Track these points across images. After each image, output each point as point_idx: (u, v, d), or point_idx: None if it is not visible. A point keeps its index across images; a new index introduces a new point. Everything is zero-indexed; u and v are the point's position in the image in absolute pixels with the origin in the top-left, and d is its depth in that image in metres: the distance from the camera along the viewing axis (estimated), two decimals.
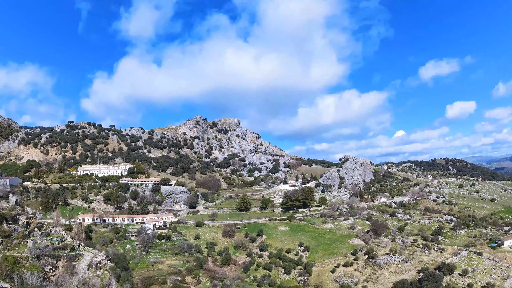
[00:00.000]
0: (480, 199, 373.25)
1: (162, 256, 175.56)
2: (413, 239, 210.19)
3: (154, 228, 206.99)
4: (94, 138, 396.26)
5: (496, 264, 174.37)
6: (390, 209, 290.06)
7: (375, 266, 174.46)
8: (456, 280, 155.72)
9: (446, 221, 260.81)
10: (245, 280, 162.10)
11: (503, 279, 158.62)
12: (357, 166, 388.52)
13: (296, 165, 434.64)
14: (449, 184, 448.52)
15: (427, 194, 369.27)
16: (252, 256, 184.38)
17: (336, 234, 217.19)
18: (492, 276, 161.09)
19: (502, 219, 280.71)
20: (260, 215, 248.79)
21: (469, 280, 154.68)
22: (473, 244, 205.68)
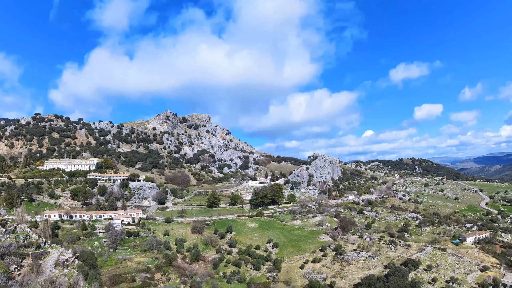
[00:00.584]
0: (444, 198, 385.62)
1: (130, 253, 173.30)
2: (380, 236, 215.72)
3: (122, 224, 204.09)
4: (62, 131, 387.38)
5: (459, 260, 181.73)
6: (358, 206, 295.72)
7: (343, 262, 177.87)
8: (421, 275, 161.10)
9: (412, 219, 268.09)
10: (214, 276, 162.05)
11: (465, 274, 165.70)
12: (326, 164, 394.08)
13: (265, 162, 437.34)
14: (415, 183, 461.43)
15: (394, 192, 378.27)
16: (222, 252, 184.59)
17: (305, 231, 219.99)
18: (455, 271, 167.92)
19: (465, 217, 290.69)
20: (229, 212, 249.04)
21: (434, 275, 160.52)
22: (437, 240, 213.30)
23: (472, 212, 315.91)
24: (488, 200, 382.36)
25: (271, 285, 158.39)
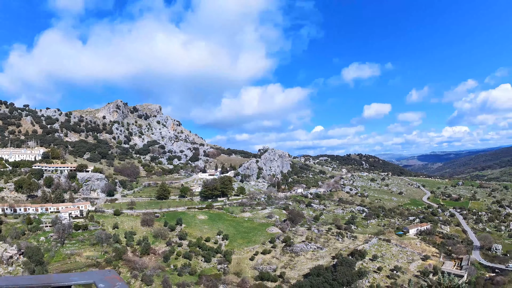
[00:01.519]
0: (389, 192, 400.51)
1: (79, 247, 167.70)
2: (328, 228, 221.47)
3: (70, 217, 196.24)
4: (5, 118, 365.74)
5: (402, 250, 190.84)
6: (306, 199, 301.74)
7: (292, 253, 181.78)
8: (367, 264, 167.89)
9: (358, 212, 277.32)
10: (165, 269, 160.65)
11: (408, 263, 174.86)
12: (275, 157, 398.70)
13: (216, 154, 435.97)
14: (362, 177, 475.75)
15: (341, 186, 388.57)
16: (172, 245, 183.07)
17: (254, 223, 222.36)
18: (399, 260, 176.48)
19: (408, 210, 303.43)
20: (179, 204, 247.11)
21: (379, 264, 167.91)
22: (382, 232, 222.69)
23: (414, 205, 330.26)
24: (430, 195, 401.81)
25: (222, 277, 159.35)
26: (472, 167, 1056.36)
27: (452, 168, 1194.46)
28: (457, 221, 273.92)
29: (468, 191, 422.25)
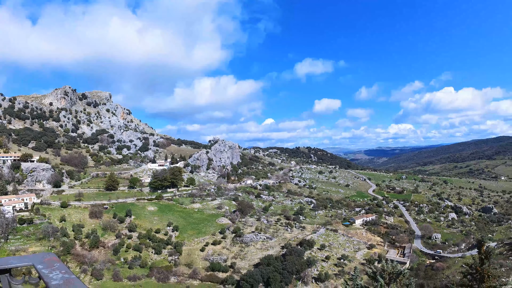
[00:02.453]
0: (336, 184, 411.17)
1: (24, 242, 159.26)
2: (277, 219, 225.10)
3: (14, 211, 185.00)
4: None
5: (349, 239, 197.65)
6: (255, 190, 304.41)
7: (242, 243, 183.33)
8: (315, 253, 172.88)
9: (306, 203, 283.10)
10: (115, 263, 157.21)
11: (355, 251, 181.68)
12: (225, 148, 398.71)
13: (166, 145, 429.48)
14: (310, 170, 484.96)
15: (290, 178, 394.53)
16: (122, 237, 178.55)
17: (204, 214, 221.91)
18: (346, 249, 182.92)
19: (354, 202, 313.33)
20: (128, 195, 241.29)
21: (327, 253, 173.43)
22: (329, 222, 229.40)
23: (361, 197, 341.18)
24: (375, 187, 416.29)
25: (173, 268, 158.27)
26: (415, 162, 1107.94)
27: (397, 163, 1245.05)
28: (400, 212, 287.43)
29: (411, 185, 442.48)
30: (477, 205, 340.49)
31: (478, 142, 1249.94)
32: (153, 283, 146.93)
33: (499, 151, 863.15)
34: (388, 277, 33.69)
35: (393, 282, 33.75)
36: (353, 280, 37.63)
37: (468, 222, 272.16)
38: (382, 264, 34.78)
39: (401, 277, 33.90)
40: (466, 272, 27.91)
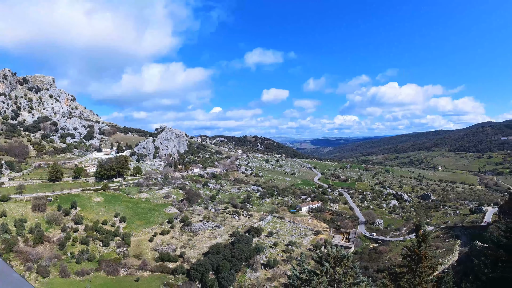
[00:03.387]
0: (283, 173, 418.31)
1: None
2: (225, 207, 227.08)
3: None
4: None
5: (295, 226, 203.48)
6: (203, 179, 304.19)
7: (190, 232, 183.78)
8: (263, 240, 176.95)
9: (253, 191, 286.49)
10: (62, 258, 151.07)
11: (301, 238, 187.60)
12: (172, 137, 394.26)
13: (111, 133, 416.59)
14: (257, 158, 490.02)
15: (237, 166, 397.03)
16: (67, 230, 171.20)
17: (152, 204, 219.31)
18: (293, 236, 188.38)
19: (300, 190, 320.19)
20: (73, 186, 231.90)
21: (275, 240, 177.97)
22: (276, 210, 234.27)
23: (306, 185, 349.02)
24: (320, 176, 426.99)
25: (122, 260, 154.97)
26: (359, 152, 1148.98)
27: (342, 152, 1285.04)
28: (345, 200, 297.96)
29: (355, 173, 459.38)
30: (416, 193, 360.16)
31: (419, 135, 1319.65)
32: (102, 276, 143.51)
33: (437, 144, 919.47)
34: (333, 261, 35.89)
35: (338, 265, 36.04)
36: (300, 265, 39.85)
37: (408, 208, 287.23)
38: (327, 249, 37.03)
39: (345, 261, 36.22)
40: (406, 254, 30.48)
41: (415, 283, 28.91)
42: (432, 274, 29.58)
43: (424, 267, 28.63)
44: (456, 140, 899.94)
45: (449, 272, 55.73)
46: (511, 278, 44.60)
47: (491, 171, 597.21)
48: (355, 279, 36.26)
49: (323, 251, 37.38)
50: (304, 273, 38.17)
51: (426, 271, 28.94)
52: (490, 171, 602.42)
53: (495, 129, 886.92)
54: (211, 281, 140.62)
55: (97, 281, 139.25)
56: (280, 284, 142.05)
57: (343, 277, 35.77)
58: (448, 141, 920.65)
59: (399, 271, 30.59)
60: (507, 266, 46.87)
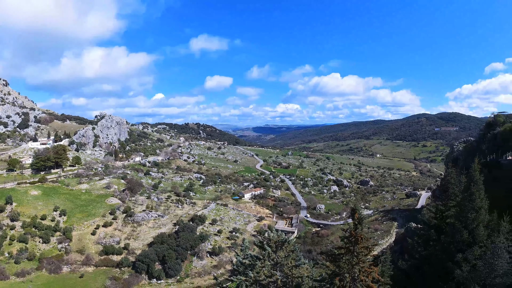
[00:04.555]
0: (225, 160, 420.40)
1: None
2: (167, 196, 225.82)
3: None
4: None
5: (239, 213, 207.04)
6: (144, 168, 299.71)
7: (134, 223, 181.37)
8: (208, 228, 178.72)
9: (196, 179, 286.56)
10: None
11: (245, 224, 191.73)
12: (113, 124, 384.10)
13: (48, 121, 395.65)
14: (199, 146, 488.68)
15: (179, 154, 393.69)
16: (3, 229, 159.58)
17: (93, 195, 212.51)
18: (236, 223, 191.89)
19: (243, 177, 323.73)
20: (7, 179, 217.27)
21: (219, 227, 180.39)
22: (219, 197, 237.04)
23: (249, 172, 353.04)
24: (263, 163, 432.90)
25: (65, 257, 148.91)
26: (300, 140, 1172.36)
27: (283, 140, 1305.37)
28: (287, 186, 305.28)
29: (297, 160, 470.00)
30: (356, 179, 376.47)
31: (358, 124, 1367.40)
32: (44, 276, 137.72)
33: (376, 132, 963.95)
34: (275, 245, 38.20)
35: (279, 249, 38.43)
36: (243, 251, 42.08)
37: (348, 193, 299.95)
38: (267, 234, 39.32)
39: (286, 245, 38.59)
40: (343, 236, 32.67)
41: (353, 263, 31.11)
42: (369, 254, 32.16)
43: (361, 248, 31.00)
44: (394, 129, 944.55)
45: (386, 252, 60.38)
46: (439, 254, 49.53)
47: (425, 159, 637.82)
48: (297, 261, 38.78)
49: (265, 237, 39.54)
50: (247, 259, 40.27)
51: (363, 252, 31.26)
52: (425, 158, 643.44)
53: (430, 120, 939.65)
54: (158, 272, 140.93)
55: (39, 281, 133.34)
56: (226, 270, 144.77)
57: (285, 260, 38.16)
58: (386, 130, 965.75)
59: (338, 253, 32.90)
60: (437, 244, 51.92)
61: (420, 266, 53.05)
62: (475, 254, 43.00)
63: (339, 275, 31.57)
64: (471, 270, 41.33)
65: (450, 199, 55.35)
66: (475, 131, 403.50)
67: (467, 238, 46.71)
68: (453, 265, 43.78)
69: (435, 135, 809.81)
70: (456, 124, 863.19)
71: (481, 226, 47.08)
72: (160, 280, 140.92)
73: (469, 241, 46.43)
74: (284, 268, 37.68)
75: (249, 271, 37.31)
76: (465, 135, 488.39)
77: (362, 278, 31.09)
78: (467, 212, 48.08)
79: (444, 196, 57.52)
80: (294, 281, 36.83)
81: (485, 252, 40.01)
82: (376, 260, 41.82)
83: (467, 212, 48.12)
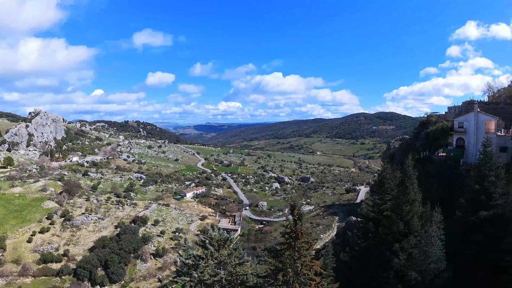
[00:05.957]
0: (166, 159, 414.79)
1: None
2: (107, 197, 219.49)
3: None
4: None
5: (181, 212, 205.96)
6: (82, 168, 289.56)
7: (73, 227, 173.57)
8: (150, 229, 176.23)
9: (136, 179, 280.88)
10: None
11: (188, 224, 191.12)
12: (48, 122, 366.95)
13: None
14: (139, 145, 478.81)
15: (118, 153, 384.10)
16: None
17: (27, 199, 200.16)
18: (179, 222, 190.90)
19: (184, 176, 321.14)
20: None
21: (162, 228, 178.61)
22: (161, 197, 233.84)
23: (190, 171, 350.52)
24: (204, 161, 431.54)
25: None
26: (242, 138, 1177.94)
27: (225, 138, 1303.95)
28: (229, 184, 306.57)
29: (238, 158, 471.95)
30: (297, 176, 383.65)
31: (299, 122, 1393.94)
32: None
33: (316, 130, 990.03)
34: (217, 244, 38.83)
35: (222, 248, 39.11)
36: (186, 251, 42.44)
37: (289, 190, 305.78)
38: (209, 233, 39.86)
39: (228, 243, 39.40)
40: (284, 232, 33.61)
41: (295, 257, 31.95)
42: (310, 248, 33.13)
43: (301, 243, 31.93)
44: (334, 128, 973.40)
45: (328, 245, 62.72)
46: (378, 245, 52.33)
47: (363, 156, 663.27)
48: (240, 259, 39.67)
49: (207, 236, 39.96)
50: (190, 259, 40.61)
51: (304, 246, 32.19)
52: (363, 155, 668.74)
53: (368, 119, 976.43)
54: (101, 278, 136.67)
55: None
56: (171, 272, 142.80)
57: (228, 258, 38.93)
58: (326, 128, 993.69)
59: (279, 248, 33.71)
60: (375, 236, 54.79)
61: (361, 257, 55.80)
62: (410, 243, 46.23)
63: (282, 270, 32.38)
64: (407, 258, 44.47)
65: (386, 193, 58.52)
66: (410, 129, 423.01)
67: (403, 229, 49.97)
68: (391, 254, 46.76)
69: (373, 133, 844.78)
70: (392, 123, 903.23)
71: (415, 217, 50.50)
72: (103, 287, 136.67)
73: (405, 231, 49.72)
74: (227, 266, 38.35)
75: (193, 271, 37.62)
76: (401, 133, 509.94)
77: (305, 272, 32.08)
78: (402, 205, 51.54)
79: (381, 190, 60.65)
80: (238, 278, 37.61)
81: (419, 241, 43.11)
82: (318, 254, 43.44)
83: (402, 204, 51.58)
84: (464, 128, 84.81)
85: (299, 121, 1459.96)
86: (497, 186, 47.69)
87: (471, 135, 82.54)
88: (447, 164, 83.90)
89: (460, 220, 49.68)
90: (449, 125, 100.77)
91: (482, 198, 47.41)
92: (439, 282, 40.57)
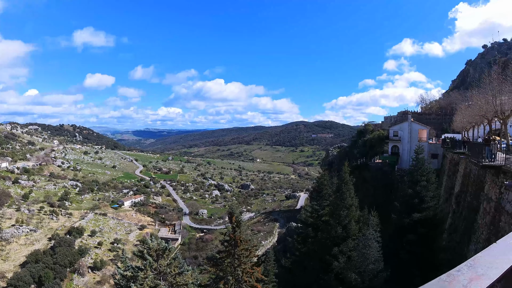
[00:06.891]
0: (103, 166, 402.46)
1: None
2: (40, 207, 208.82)
3: None
4: None
5: (119, 222, 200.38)
6: (13, 175, 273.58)
7: (2, 241, 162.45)
8: (87, 241, 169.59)
9: (71, 186, 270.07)
10: None
11: (127, 234, 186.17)
12: None
13: None
14: (75, 150, 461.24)
15: (52, 159, 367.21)
16: None
17: None
18: (117, 233, 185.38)
19: (122, 183, 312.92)
20: None
21: (99, 239, 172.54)
22: (98, 206, 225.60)
23: (128, 179, 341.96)
24: (142, 168, 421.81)
25: None
26: (181, 144, 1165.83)
27: (164, 144, 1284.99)
28: (168, 192, 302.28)
29: (177, 165, 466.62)
30: (237, 183, 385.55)
31: (239, 129, 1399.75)
32: None
33: (256, 138, 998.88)
34: (156, 254, 38.47)
35: (161, 258, 38.79)
36: (123, 262, 41.74)
37: (230, 197, 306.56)
38: (147, 243, 39.40)
39: (167, 252, 39.12)
40: (224, 240, 34.05)
41: (235, 265, 32.42)
42: (250, 255, 33.66)
43: (241, 250, 32.46)
44: (274, 135, 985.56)
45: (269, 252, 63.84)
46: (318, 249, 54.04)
47: (303, 163, 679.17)
48: (180, 269, 39.41)
49: (145, 246, 39.46)
50: (129, 270, 39.77)
51: (244, 253, 32.72)
52: (302, 162, 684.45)
53: (307, 127, 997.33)
54: None
55: None
56: (111, 285, 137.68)
57: (168, 268, 38.51)
58: (266, 136, 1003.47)
59: (219, 257, 33.99)
60: (315, 241, 56.57)
61: (302, 262, 57.37)
62: (349, 247, 48.34)
63: (223, 279, 32.71)
64: (347, 261, 46.52)
65: (324, 199, 60.60)
66: (348, 137, 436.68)
67: (341, 233, 52.07)
68: (331, 257, 48.55)
69: (312, 141, 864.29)
70: (331, 131, 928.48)
71: (352, 221, 52.80)
72: None
73: (343, 235, 51.85)
74: (168, 276, 37.94)
75: (132, 284, 36.89)
76: (339, 141, 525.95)
77: (246, 279, 32.53)
78: (339, 210, 53.74)
79: (319, 196, 62.63)
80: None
81: (358, 244, 45.35)
82: (259, 260, 44.11)
83: (339, 210, 53.78)
84: (399, 136, 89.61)
85: (240, 128, 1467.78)
86: (428, 190, 51.24)
87: (405, 143, 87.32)
88: (383, 170, 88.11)
89: (395, 222, 52.73)
90: (385, 133, 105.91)
91: (415, 201, 50.68)
92: (378, 282, 42.85)
